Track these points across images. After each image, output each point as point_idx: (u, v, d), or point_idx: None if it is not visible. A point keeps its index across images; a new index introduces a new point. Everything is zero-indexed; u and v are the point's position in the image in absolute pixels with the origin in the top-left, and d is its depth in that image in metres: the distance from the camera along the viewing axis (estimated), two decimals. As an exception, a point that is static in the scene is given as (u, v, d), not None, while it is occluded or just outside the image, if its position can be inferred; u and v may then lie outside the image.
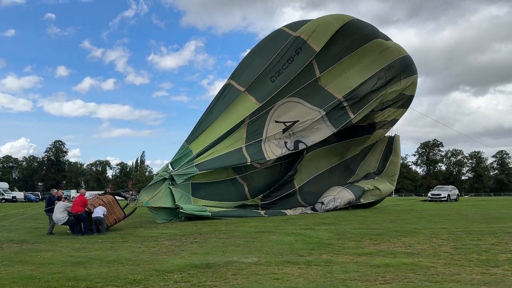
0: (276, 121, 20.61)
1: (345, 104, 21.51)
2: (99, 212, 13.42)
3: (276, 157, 21.01)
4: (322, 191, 23.70)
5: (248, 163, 19.97)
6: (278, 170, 23.09)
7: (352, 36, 21.23)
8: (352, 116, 21.84)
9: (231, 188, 20.63)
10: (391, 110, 25.52)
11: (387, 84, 22.98)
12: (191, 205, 17.91)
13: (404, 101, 25.70)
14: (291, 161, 23.19)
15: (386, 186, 25.95)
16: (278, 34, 21.41)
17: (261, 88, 20.02)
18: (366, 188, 24.68)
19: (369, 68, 22.14)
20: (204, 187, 19.12)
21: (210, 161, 18.76)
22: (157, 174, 18.50)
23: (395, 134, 27.79)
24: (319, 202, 22.70)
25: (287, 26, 21.61)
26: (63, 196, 15.89)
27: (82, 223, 13.38)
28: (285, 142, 21.05)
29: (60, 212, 13.29)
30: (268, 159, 20.54)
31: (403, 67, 23.77)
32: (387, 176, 26.55)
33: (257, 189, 21.78)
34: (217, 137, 19.17)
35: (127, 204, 15.33)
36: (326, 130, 21.64)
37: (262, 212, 20.31)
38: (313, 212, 21.83)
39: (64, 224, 13.52)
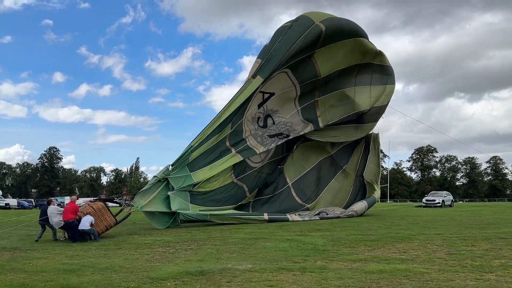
0: (261, 93, 20.50)
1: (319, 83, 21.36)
2: (85, 224, 13.21)
3: (264, 149, 20.97)
4: (313, 188, 23.93)
5: (233, 153, 19.79)
6: (274, 167, 23.33)
7: (356, 28, 21.63)
8: (317, 97, 21.79)
9: (231, 192, 20.59)
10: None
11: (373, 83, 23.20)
12: (189, 211, 17.75)
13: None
14: (284, 157, 23.80)
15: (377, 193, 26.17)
16: (285, 26, 21.36)
17: (269, 64, 19.96)
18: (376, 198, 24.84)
19: (356, 59, 22.14)
20: (202, 194, 19.07)
21: (205, 169, 18.75)
22: (154, 176, 18.33)
23: (373, 133, 26.94)
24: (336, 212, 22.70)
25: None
26: (52, 200, 15.85)
27: (73, 230, 13.30)
28: (258, 118, 20.95)
29: (55, 216, 13.27)
30: (258, 152, 20.61)
31: (391, 73, 24.06)
32: (371, 175, 26.48)
33: (256, 189, 22.05)
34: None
35: (121, 210, 15.19)
36: (293, 110, 21.65)
37: (266, 216, 19.96)
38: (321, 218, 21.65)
39: (61, 227, 13.48)
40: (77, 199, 15.11)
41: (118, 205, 15.40)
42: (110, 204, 16.60)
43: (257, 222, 18.85)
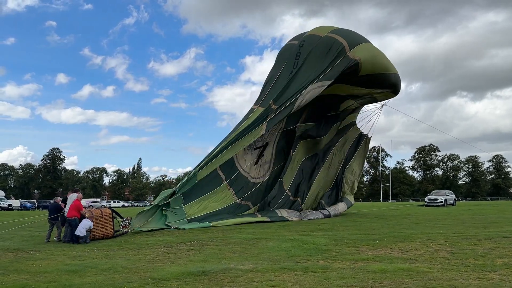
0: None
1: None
2: (81, 230, 12.90)
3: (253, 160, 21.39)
4: (305, 183, 24.41)
5: (225, 184, 19.97)
6: (269, 178, 23.36)
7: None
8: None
9: (233, 209, 20.57)
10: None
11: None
12: (188, 225, 17.36)
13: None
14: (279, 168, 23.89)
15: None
16: (286, 48, 22.69)
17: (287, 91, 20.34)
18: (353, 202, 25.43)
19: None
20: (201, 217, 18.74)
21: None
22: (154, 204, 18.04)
23: (366, 134, 27.36)
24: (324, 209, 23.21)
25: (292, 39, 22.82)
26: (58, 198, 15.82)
27: (73, 229, 13.18)
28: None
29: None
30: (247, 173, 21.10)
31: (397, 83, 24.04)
32: (351, 175, 26.72)
33: (261, 201, 22.28)
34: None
35: (119, 231, 15.05)
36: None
37: (267, 217, 20.11)
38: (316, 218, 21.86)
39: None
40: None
41: (120, 218, 15.28)
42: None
43: (260, 222, 18.95)
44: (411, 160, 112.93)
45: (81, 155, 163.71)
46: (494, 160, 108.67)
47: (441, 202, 40.17)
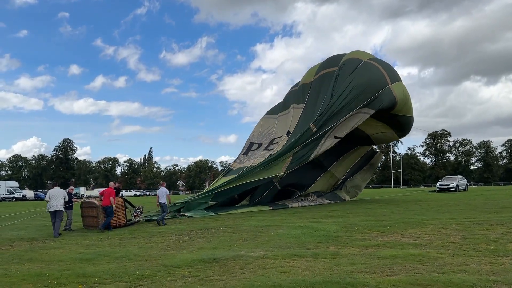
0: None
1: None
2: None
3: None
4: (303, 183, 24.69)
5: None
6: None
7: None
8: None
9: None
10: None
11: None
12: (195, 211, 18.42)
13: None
14: None
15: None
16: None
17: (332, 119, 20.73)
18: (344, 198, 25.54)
19: None
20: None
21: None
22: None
23: (378, 151, 27.87)
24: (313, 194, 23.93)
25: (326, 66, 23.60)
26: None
27: (108, 216, 13.48)
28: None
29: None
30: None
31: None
32: (354, 187, 26.97)
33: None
34: None
35: (131, 220, 15.25)
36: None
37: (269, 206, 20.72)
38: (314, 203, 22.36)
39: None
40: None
41: (132, 207, 15.48)
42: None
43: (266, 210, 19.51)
44: (422, 146, 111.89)
45: (94, 146, 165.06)
46: (507, 144, 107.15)
47: (453, 187, 39.82)
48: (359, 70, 21.13)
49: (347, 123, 20.66)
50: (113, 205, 13.52)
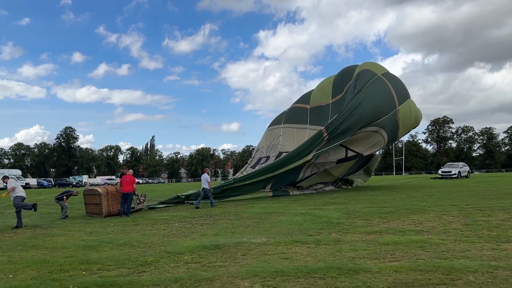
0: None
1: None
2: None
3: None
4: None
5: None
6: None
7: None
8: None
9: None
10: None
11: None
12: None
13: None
14: None
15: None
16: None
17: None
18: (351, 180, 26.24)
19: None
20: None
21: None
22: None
23: (375, 154, 27.99)
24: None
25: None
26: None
27: (128, 203, 14.10)
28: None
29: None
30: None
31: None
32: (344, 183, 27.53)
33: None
34: None
35: (134, 207, 15.32)
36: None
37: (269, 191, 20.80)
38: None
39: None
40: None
41: (136, 196, 15.67)
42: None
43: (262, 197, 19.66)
44: (424, 133, 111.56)
45: (97, 134, 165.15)
46: (509, 131, 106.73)
47: (455, 174, 39.82)
48: (372, 87, 21.72)
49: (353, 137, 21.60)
50: (136, 192, 14.45)
